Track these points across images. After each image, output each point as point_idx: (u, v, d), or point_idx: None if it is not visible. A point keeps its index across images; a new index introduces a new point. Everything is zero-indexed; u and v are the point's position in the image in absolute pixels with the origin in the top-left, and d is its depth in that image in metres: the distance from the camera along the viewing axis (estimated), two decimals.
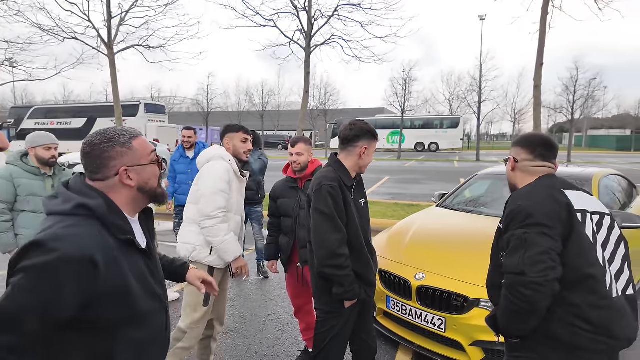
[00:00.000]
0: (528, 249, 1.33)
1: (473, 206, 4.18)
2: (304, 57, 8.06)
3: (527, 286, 1.30)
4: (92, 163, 1.06)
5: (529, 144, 1.64)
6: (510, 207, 1.47)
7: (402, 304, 2.86)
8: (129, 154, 1.08)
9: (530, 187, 1.53)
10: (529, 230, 1.35)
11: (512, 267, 1.35)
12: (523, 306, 1.32)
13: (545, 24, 7.60)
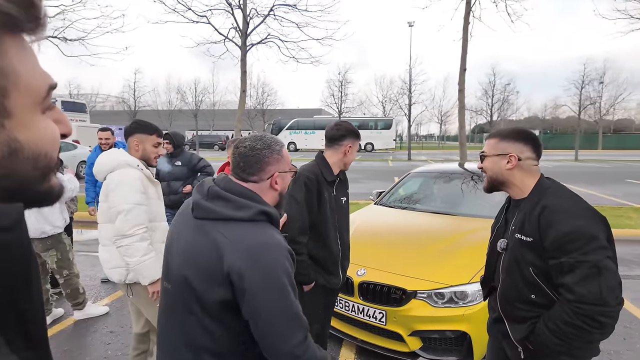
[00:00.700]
0: (604, 277, 1.29)
1: (408, 203, 4.40)
2: (240, 55, 7.88)
3: (607, 315, 1.29)
4: (252, 165, 1.17)
5: (530, 139, 1.55)
6: (564, 226, 1.35)
7: (345, 300, 2.92)
8: (281, 161, 1.21)
9: (571, 199, 1.44)
10: (599, 255, 1.30)
11: (593, 298, 1.28)
12: (597, 332, 1.30)
13: (467, 32, 8.26)
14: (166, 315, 1.19)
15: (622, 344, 3.09)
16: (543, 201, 1.44)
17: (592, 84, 27.11)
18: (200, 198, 1.13)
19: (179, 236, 1.17)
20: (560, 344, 1.37)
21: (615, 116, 47.76)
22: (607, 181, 13.66)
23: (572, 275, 1.32)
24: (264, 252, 1.05)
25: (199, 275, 1.07)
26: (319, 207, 2.18)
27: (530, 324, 1.47)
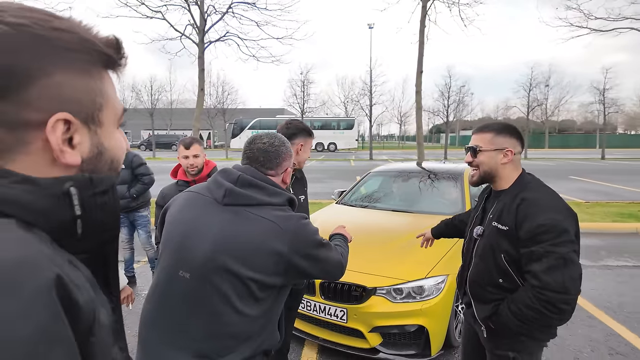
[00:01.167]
0: (569, 268, 1.39)
1: (368, 201, 4.48)
2: (197, 53, 7.66)
3: (567, 302, 1.39)
4: (271, 160, 1.28)
5: (519, 135, 1.65)
6: (539, 218, 1.44)
7: (307, 300, 2.91)
8: (291, 157, 1.36)
9: (548, 193, 1.54)
10: (567, 248, 1.40)
11: (556, 286, 1.38)
12: (555, 317, 1.41)
13: (423, 35, 8.53)
14: (184, 305, 1.17)
15: (564, 329, 3.31)
16: (522, 194, 1.53)
17: (538, 87, 28.96)
18: (232, 186, 1.19)
19: (203, 223, 1.19)
20: (520, 325, 1.47)
21: (560, 117, 51.29)
22: (553, 178, 14.62)
23: (540, 263, 1.41)
24: (304, 226, 1.22)
25: (244, 257, 1.13)
26: None
27: (494, 305, 1.58)
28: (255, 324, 1.18)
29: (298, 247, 1.18)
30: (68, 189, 0.47)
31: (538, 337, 1.56)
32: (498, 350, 1.63)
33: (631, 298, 3.93)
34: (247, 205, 1.18)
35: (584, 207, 8.45)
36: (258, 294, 1.16)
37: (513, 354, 1.58)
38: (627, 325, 3.37)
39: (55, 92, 0.46)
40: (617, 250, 5.63)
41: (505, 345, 1.60)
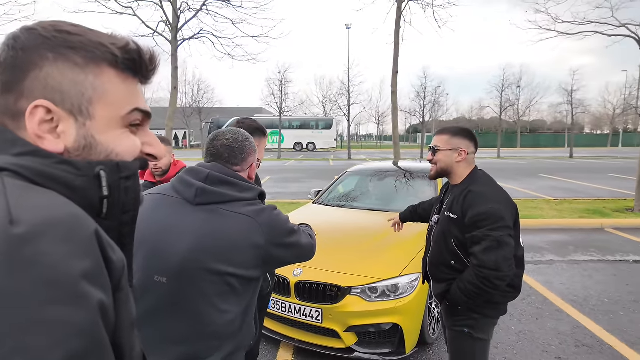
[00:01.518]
0: (502, 249, 1.62)
1: (345, 201, 4.48)
2: (171, 50, 7.47)
3: (500, 278, 1.63)
4: (237, 156, 1.27)
5: (474, 138, 1.88)
6: (481, 207, 1.68)
7: (281, 301, 2.88)
8: (255, 152, 1.34)
9: (490, 186, 1.78)
10: (502, 232, 1.64)
11: (491, 264, 1.62)
12: (491, 291, 1.65)
13: (399, 36, 8.62)
14: (164, 311, 1.15)
15: (534, 323, 3.40)
16: (470, 187, 1.76)
17: (510, 88, 29.81)
18: (203, 185, 1.18)
19: (176, 225, 1.17)
20: (465, 300, 1.72)
21: (531, 117, 53.03)
22: (524, 176, 15.10)
23: (479, 246, 1.66)
24: (277, 217, 1.25)
25: (224, 254, 1.14)
26: None
27: (447, 284, 1.83)
28: (237, 320, 1.19)
29: (274, 238, 1.21)
30: (99, 172, 0.53)
31: (488, 314, 1.80)
32: (454, 327, 1.86)
33: (595, 291, 4.09)
34: (220, 203, 1.18)
35: (553, 204, 8.75)
36: (239, 290, 1.18)
37: (468, 329, 1.80)
38: (592, 317, 3.50)
39: (43, 83, 0.50)
40: (583, 245, 5.85)
41: (460, 321, 1.83)
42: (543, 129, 63.83)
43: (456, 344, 1.88)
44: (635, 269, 4.80)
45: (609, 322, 3.41)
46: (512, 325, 3.36)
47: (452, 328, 1.87)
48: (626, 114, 39.88)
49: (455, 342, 1.88)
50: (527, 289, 4.14)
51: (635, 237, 6.25)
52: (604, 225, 6.98)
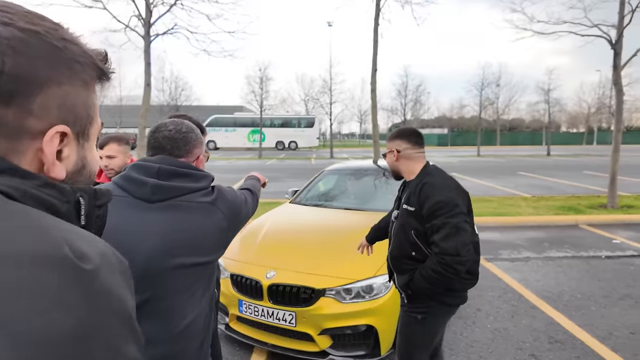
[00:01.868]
0: (459, 235, 1.71)
1: (322, 200, 4.41)
2: (143, 46, 7.23)
3: (460, 263, 1.71)
4: (180, 148, 1.21)
5: (405, 135, 1.99)
6: (436, 197, 1.78)
7: (254, 305, 2.79)
8: (202, 144, 1.30)
9: (441, 177, 1.89)
10: (458, 219, 1.74)
11: (452, 250, 1.70)
12: (452, 277, 1.72)
13: (377, 33, 8.61)
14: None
15: (509, 320, 3.42)
16: (424, 180, 1.87)
17: (490, 87, 30.37)
18: (157, 181, 1.13)
19: (135, 227, 1.11)
20: (428, 287, 1.78)
21: (510, 115, 54.17)
22: (503, 174, 15.38)
23: (438, 234, 1.74)
24: (232, 197, 1.28)
25: (196, 246, 1.13)
26: None
27: (409, 274, 1.89)
28: (208, 305, 1.23)
29: (235, 218, 1.26)
30: (79, 199, 0.49)
31: (447, 302, 1.90)
32: (409, 312, 1.97)
33: (569, 287, 4.15)
34: (178, 196, 1.15)
35: (530, 201, 8.91)
36: (211, 274, 1.23)
37: (421, 316, 1.91)
38: (565, 313, 3.54)
39: (60, 103, 0.46)
40: (558, 241, 5.96)
41: (417, 309, 1.92)
42: (522, 127, 65.30)
43: (405, 324, 2.01)
44: (606, 264, 4.90)
45: (581, 317, 3.45)
46: (488, 323, 3.36)
47: (407, 312, 1.97)
48: (600, 113, 41.22)
49: (403, 322, 2.02)
50: (503, 287, 4.17)
51: (607, 233, 6.41)
52: (579, 221, 7.14)
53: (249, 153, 32.17)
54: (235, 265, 3.02)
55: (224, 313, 3.06)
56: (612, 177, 8.15)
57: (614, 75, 7.97)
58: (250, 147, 36.97)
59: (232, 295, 2.92)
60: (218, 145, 36.60)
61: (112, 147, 2.24)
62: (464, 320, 3.41)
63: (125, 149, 2.29)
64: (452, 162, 22.00)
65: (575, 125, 60.57)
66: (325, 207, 4.19)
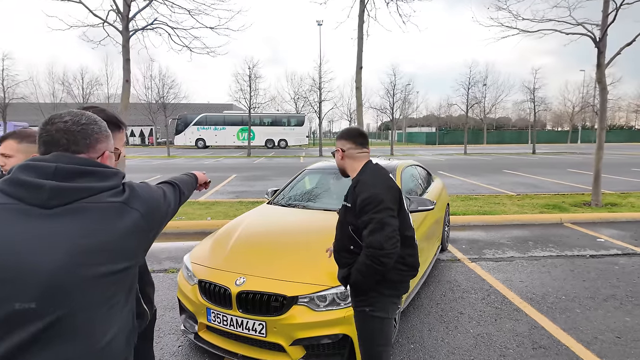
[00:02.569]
0: (384, 229, 1.78)
1: (301, 201, 4.25)
2: (122, 41, 6.97)
3: (385, 256, 1.78)
4: (79, 142, 1.05)
5: (350, 135, 2.08)
6: (364, 194, 1.85)
7: (222, 314, 2.63)
8: (109, 138, 1.14)
9: (373, 175, 1.94)
10: (383, 214, 1.80)
11: (376, 244, 1.77)
12: (380, 269, 1.80)
13: (362, 30, 8.47)
14: (41, 341, 0.93)
15: (492, 324, 3.31)
16: (359, 177, 1.97)
17: (477, 86, 30.48)
18: (55, 183, 0.96)
19: (31, 239, 0.93)
20: (362, 279, 1.87)
21: (496, 114, 54.70)
22: (489, 172, 15.41)
23: (366, 229, 1.82)
24: (149, 194, 1.15)
25: (113, 250, 1.01)
26: None
27: (348, 269, 1.97)
28: (131, 319, 1.14)
29: (153, 215, 1.13)
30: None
31: (386, 293, 1.95)
32: (357, 308, 2.02)
33: (553, 288, 4.07)
34: (84, 198, 0.99)
35: (515, 199, 8.88)
36: (132, 282, 1.11)
37: (368, 308, 1.96)
38: (549, 316, 3.44)
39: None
40: (543, 240, 5.90)
41: (361, 302, 1.98)
42: (508, 126, 66.00)
43: (359, 322, 2.04)
44: (591, 264, 4.85)
45: (566, 320, 3.36)
46: (470, 328, 3.25)
47: (356, 309, 2.03)
48: (584, 112, 41.81)
49: (358, 321, 2.05)
50: (487, 288, 4.07)
51: (591, 231, 6.39)
52: (563, 219, 7.11)
53: (238, 151, 31.82)
54: (204, 272, 2.85)
55: (193, 321, 2.89)
56: (596, 175, 8.16)
57: (597, 74, 7.96)
58: (239, 146, 36.63)
59: (200, 303, 2.74)
60: (207, 144, 36.19)
61: (9, 145, 1.85)
62: (446, 325, 3.29)
63: (27, 147, 1.85)
64: (440, 160, 22.04)
65: (560, 123, 61.46)
66: (304, 208, 4.02)
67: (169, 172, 15.58)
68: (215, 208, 8.02)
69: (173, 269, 4.73)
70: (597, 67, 7.88)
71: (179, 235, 6.40)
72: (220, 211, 7.69)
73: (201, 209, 7.92)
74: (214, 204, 8.46)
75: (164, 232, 6.38)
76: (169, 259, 5.12)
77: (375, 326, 1.97)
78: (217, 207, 8.08)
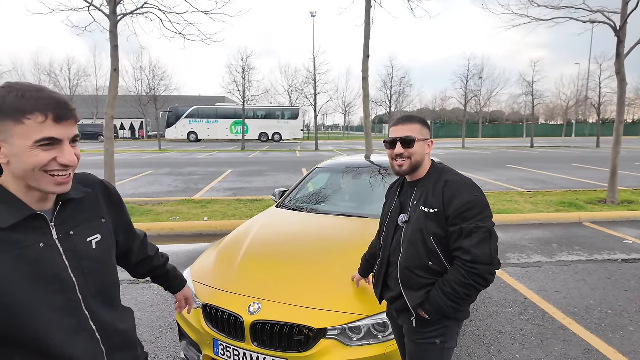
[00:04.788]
0: (493, 241, 1.52)
1: (314, 204, 3.77)
2: (110, 26, 6.38)
3: (492, 273, 1.51)
4: None
5: (428, 125, 1.73)
6: (464, 197, 1.53)
7: (233, 347, 2.16)
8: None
9: (460, 176, 1.64)
10: (490, 223, 1.53)
11: (486, 258, 1.48)
12: (482, 289, 1.52)
13: (370, 16, 7.96)
14: None
15: (540, 347, 2.89)
16: (444, 177, 1.61)
17: (473, 79, 30.12)
18: None
19: None
20: (452, 305, 1.53)
21: (491, 108, 54.56)
22: (492, 167, 15.06)
23: (469, 239, 1.50)
24: None
25: None
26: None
27: (425, 292, 1.60)
28: None
29: None
30: None
31: (460, 318, 1.64)
32: (423, 340, 1.64)
33: (595, 300, 3.67)
34: None
35: (527, 196, 8.51)
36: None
37: (440, 340, 1.62)
38: (601, 336, 3.03)
39: None
40: (567, 242, 5.51)
41: (431, 332, 1.63)
42: (501, 120, 65.95)
43: (422, 357, 1.66)
44: (626, 269, 4.46)
45: (622, 342, 2.95)
46: (516, 352, 2.82)
47: (419, 341, 1.65)
48: (578, 105, 41.77)
49: (420, 355, 1.67)
50: (522, 300, 3.66)
51: (614, 232, 6.02)
52: (582, 218, 6.74)
53: (232, 145, 31.15)
54: (209, 294, 2.37)
55: (197, 350, 2.42)
56: (613, 171, 7.80)
57: (616, 64, 7.56)
58: (232, 139, 35.94)
59: (205, 332, 2.27)
60: (199, 137, 35.46)
61: None
62: (487, 349, 2.87)
63: None
64: (439, 154, 21.66)
65: (553, 117, 61.58)
66: (318, 212, 3.55)
67: (161, 166, 14.98)
68: (212, 207, 7.51)
69: None
70: (616, 57, 7.47)
71: (174, 237, 5.89)
72: (217, 210, 7.19)
73: (197, 208, 7.41)
74: (211, 202, 7.95)
75: (157, 234, 5.87)
76: None
77: (445, 357, 1.66)
78: (214, 206, 7.57)
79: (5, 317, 0.87)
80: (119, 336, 1.11)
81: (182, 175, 12.75)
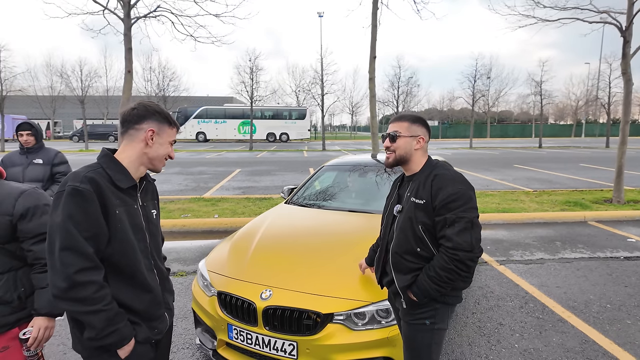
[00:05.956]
0: (474, 230, 1.63)
1: (322, 201, 3.93)
2: (123, 29, 6.61)
3: (473, 260, 1.63)
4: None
5: (428, 126, 1.86)
6: (449, 188, 1.66)
7: (246, 331, 2.32)
8: None
9: (450, 170, 1.76)
10: (473, 214, 1.65)
11: (467, 245, 1.60)
12: (464, 274, 1.64)
13: (376, 18, 8.08)
14: None
15: (538, 338, 3.01)
16: (434, 172, 1.76)
17: (481, 79, 30.03)
18: None
19: None
20: (436, 288, 1.66)
21: (499, 108, 54.18)
22: (499, 167, 15.08)
23: (452, 228, 1.63)
24: None
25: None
26: (110, 230, 1.36)
27: (413, 275, 1.75)
28: None
29: None
30: None
31: (450, 302, 1.76)
32: (414, 321, 1.78)
33: (594, 295, 3.77)
34: None
35: (532, 196, 8.57)
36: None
37: (429, 321, 1.75)
38: (598, 328, 3.14)
39: None
40: (570, 240, 5.59)
41: (422, 314, 1.76)
42: (510, 120, 65.46)
43: (414, 336, 1.81)
44: (628, 266, 4.54)
45: (618, 333, 3.06)
46: (515, 342, 2.95)
47: (412, 322, 1.80)
48: (588, 105, 41.34)
49: (413, 335, 1.82)
50: (523, 295, 3.77)
51: (619, 230, 6.08)
52: (587, 217, 6.80)
53: (239, 145, 31.45)
54: (223, 282, 2.54)
55: (211, 336, 2.59)
56: (619, 170, 7.83)
57: (622, 64, 7.60)
58: (240, 139, 36.26)
59: (220, 318, 2.44)
60: (208, 137, 35.83)
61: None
62: (487, 339, 2.99)
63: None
64: (446, 154, 21.68)
65: (563, 117, 60.94)
66: (326, 208, 3.71)
67: (171, 166, 15.25)
68: (222, 205, 7.71)
69: (182, 272, 4.43)
70: (622, 57, 7.51)
71: (186, 234, 6.09)
72: (227, 208, 7.38)
73: (207, 205, 7.61)
74: (220, 201, 8.15)
75: (170, 231, 6.07)
76: (177, 260, 4.82)
77: (434, 340, 1.78)
78: (224, 204, 7.76)
79: (120, 247, 1.38)
80: (167, 282, 1.63)
81: (192, 174, 12.99)
